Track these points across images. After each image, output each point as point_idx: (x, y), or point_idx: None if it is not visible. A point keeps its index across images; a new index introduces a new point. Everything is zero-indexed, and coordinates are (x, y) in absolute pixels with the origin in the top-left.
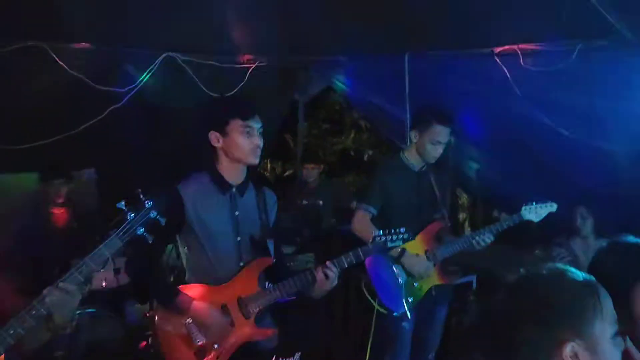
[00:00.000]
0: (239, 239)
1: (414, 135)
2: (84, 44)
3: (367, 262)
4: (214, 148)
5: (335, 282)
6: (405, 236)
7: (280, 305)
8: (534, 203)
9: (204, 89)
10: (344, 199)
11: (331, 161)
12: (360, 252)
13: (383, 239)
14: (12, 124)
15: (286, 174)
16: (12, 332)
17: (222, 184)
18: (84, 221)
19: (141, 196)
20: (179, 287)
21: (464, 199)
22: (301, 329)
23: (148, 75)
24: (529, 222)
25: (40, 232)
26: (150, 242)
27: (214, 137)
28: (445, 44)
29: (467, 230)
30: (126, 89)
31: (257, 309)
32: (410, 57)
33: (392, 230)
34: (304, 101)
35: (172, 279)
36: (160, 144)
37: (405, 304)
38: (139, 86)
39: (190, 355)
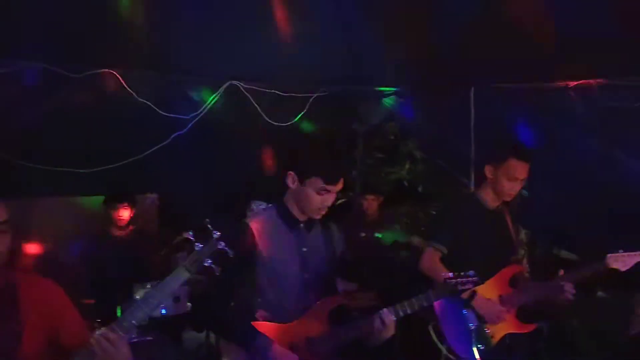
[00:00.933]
0: (306, 276)
1: (488, 172)
2: (151, 71)
3: (435, 302)
4: (288, 186)
5: (393, 331)
6: (476, 279)
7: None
8: (620, 251)
9: (265, 117)
10: (405, 233)
11: (386, 192)
12: (431, 295)
13: (454, 281)
14: (81, 148)
15: (339, 202)
16: None
17: (290, 220)
18: (145, 246)
19: (209, 226)
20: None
21: (522, 234)
22: None
23: (212, 103)
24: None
25: (103, 254)
26: (218, 274)
27: (291, 179)
28: (513, 77)
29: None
30: (190, 115)
31: (327, 351)
32: (476, 89)
33: (463, 273)
34: (362, 131)
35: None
36: (221, 171)
37: (475, 352)
38: (202, 113)
39: None
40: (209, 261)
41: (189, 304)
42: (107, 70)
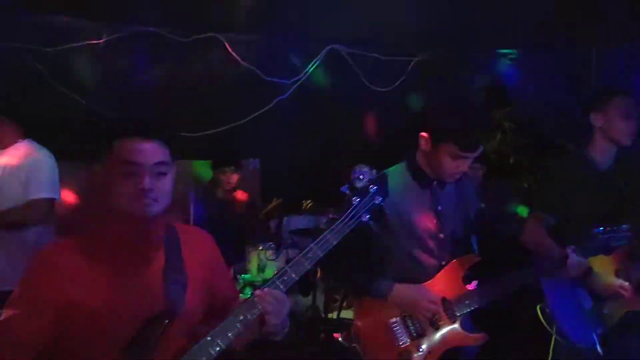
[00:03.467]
0: (441, 235)
1: (596, 119)
2: (254, 35)
3: (542, 280)
4: (420, 147)
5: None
6: (629, 234)
7: None
8: None
9: (365, 82)
10: (511, 203)
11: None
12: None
13: (606, 236)
14: (189, 112)
15: None
16: (239, 321)
17: (422, 178)
18: (248, 209)
19: (365, 180)
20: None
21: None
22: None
23: (313, 67)
24: None
25: (214, 216)
26: (375, 230)
27: (424, 141)
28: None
29: None
30: (291, 80)
31: (463, 312)
32: (598, 50)
33: (616, 227)
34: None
35: None
36: (322, 136)
37: (594, 335)
38: (303, 78)
39: (392, 357)
40: (367, 216)
41: None
42: (213, 34)
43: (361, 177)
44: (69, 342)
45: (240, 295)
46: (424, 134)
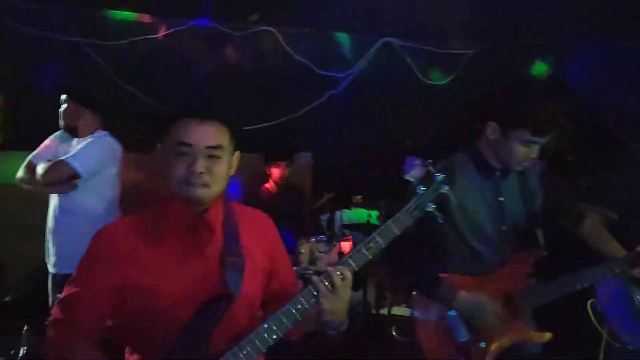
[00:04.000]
0: (503, 227)
1: None
2: (307, 29)
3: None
4: (485, 135)
5: None
6: None
7: None
8: None
9: (419, 75)
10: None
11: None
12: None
13: None
14: (241, 105)
15: None
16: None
17: (484, 168)
18: (298, 202)
19: (431, 168)
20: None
21: None
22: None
23: (366, 61)
24: None
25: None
26: (440, 220)
27: (491, 129)
28: None
29: None
30: (344, 74)
31: (527, 307)
32: None
33: None
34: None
35: None
36: (374, 130)
37: None
38: (356, 71)
39: (450, 351)
40: (433, 206)
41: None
42: (266, 28)
43: (424, 166)
44: (127, 322)
45: None
46: (490, 121)
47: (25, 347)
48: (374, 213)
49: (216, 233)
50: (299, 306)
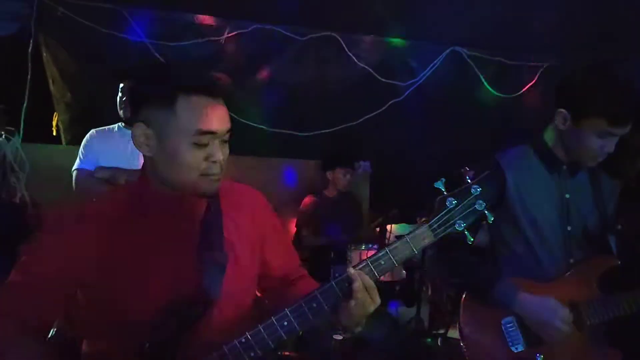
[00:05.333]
0: (569, 228)
1: None
2: (373, 36)
3: None
4: (555, 125)
5: None
6: None
7: None
8: None
9: (488, 86)
10: None
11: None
12: None
13: None
14: (302, 111)
15: None
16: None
17: (550, 160)
18: (356, 211)
19: (467, 178)
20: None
21: None
22: None
23: (431, 70)
24: None
25: (321, 215)
26: (471, 242)
27: (562, 118)
28: None
29: None
30: (408, 82)
31: (595, 321)
32: None
33: None
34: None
35: None
36: (437, 142)
37: None
38: (420, 80)
39: None
40: (462, 224)
41: (404, 272)
42: (330, 33)
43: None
44: (82, 325)
45: None
46: (562, 109)
47: None
48: None
49: (195, 224)
50: (314, 305)
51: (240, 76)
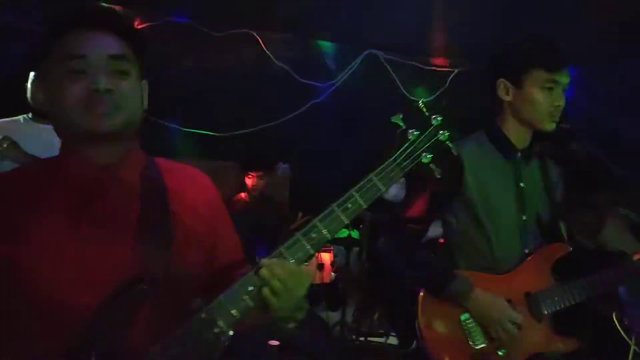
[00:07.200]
0: (524, 217)
1: None
2: (290, 35)
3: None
4: (500, 101)
5: None
6: None
7: None
8: None
9: (402, 89)
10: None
11: None
12: None
13: None
14: (217, 110)
15: None
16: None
17: (505, 146)
18: (273, 215)
19: (424, 110)
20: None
21: None
22: None
23: (349, 72)
24: None
25: (234, 219)
26: (439, 176)
27: (503, 87)
28: None
29: None
30: (327, 83)
31: (552, 310)
32: None
33: None
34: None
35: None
36: (355, 144)
37: None
38: (339, 82)
39: (464, 359)
40: (429, 156)
41: (333, 274)
42: (247, 30)
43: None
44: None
45: None
46: (501, 80)
47: None
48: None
49: (131, 193)
50: (250, 288)
51: (151, 72)
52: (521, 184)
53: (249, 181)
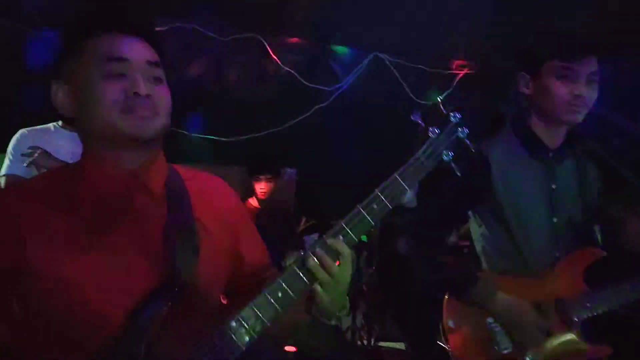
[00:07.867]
0: (555, 219)
1: None
2: (296, 39)
3: None
4: (524, 98)
5: None
6: None
7: None
8: None
9: (409, 92)
10: None
11: None
12: None
13: None
14: (222, 115)
15: None
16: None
17: (535, 146)
18: (279, 220)
19: (442, 107)
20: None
21: None
22: None
23: (355, 75)
24: None
25: None
26: (459, 173)
27: (523, 82)
28: None
29: None
30: (332, 87)
31: (583, 317)
32: None
33: None
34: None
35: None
36: (362, 147)
37: None
38: (345, 85)
39: None
40: (450, 154)
41: None
42: (253, 35)
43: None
44: (23, 324)
45: None
46: (521, 73)
47: None
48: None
49: (157, 199)
50: (280, 294)
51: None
52: (553, 186)
53: (257, 185)
